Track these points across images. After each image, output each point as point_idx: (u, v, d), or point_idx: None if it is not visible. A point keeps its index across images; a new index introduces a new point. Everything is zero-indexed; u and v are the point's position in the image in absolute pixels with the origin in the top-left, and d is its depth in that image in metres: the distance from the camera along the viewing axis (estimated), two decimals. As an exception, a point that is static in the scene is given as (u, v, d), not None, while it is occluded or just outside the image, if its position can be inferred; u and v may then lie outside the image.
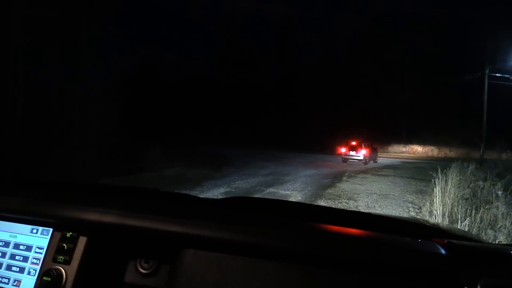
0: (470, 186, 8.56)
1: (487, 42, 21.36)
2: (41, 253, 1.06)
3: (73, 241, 1.05)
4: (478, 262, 0.88)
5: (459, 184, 8.29)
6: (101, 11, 13.04)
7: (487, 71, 21.40)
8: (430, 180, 8.41)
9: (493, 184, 8.34)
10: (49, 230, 1.09)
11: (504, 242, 4.96)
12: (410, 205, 8.51)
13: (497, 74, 21.42)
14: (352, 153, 20.62)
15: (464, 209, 6.49)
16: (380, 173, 15.58)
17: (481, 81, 21.73)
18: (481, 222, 5.86)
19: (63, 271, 1.02)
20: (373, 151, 21.87)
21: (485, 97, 21.44)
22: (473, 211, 6.23)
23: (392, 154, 32.74)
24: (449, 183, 7.77)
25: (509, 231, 5.50)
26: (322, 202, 8.53)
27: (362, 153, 20.37)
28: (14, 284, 1.04)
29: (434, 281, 0.87)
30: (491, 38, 21.45)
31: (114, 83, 13.34)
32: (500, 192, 7.69)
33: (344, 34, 44.88)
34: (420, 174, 14.44)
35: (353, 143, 20.90)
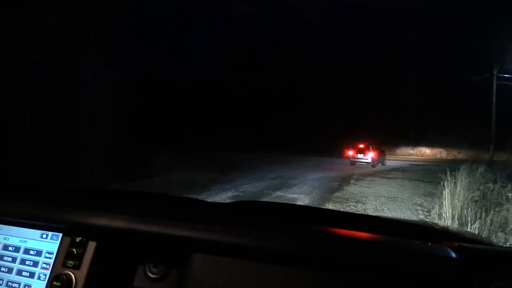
0: (480, 188, 8.48)
1: (495, 42, 21.20)
2: (51, 258, 1.07)
3: (83, 246, 1.06)
4: (490, 265, 0.87)
5: (468, 186, 8.22)
6: (108, 17, 13.16)
7: (495, 72, 21.23)
8: (439, 183, 8.34)
9: (503, 186, 8.27)
10: (59, 235, 1.10)
11: (515, 245, 4.90)
12: (419, 208, 8.44)
13: (506, 75, 21.23)
14: (360, 156, 20.52)
15: (473, 212, 6.42)
16: (388, 175, 15.48)
17: (489, 82, 21.55)
18: (491, 225, 5.79)
19: (72, 276, 1.02)
20: (381, 153, 21.74)
21: (494, 98, 21.26)
22: (483, 214, 6.17)
23: (400, 156, 32.53)
24: (458, 185, 7.70)
25: (520, 233, 5.44)
26: (330, 205, 8.49)
27: (370, 156, 20.27)
28: None
29: (445, 285, 0.86)
30: (499, 38, 21.29)
31: (122, 88, 13.43)
32: (510, 194, 7.62)
33: (351, 37, 44.80)
34: (429, 176, 14.32)
35: (361, 146, 20.79)
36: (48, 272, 1.05)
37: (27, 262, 1.08)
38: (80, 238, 1.07)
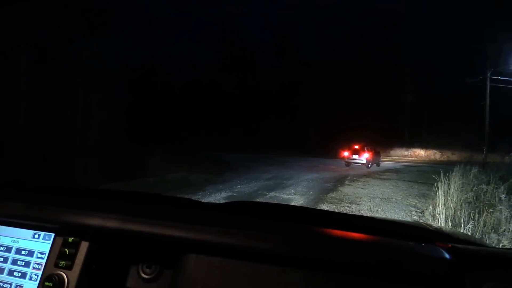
0: (473, 189, 8.52)
1: (489, 45, 21.32)
2: (43, 258, 1.06)
3: (75, 246, 1.05)
4: (483, 266, 0.88)
5: (462, 187, 8.26)
6: (103, 16, 13.11)
7: (489, 74, 21.37)
8: (433, 184, 8.38)
9: (496, 188, 8.31)
10: (51, 235, 1.09)
11: (508, 246, 4.94)
12: (413, 209, 8.47)
13: (499, 77, 21.38)
14: (355, 156, 20.58)
15: (467, 213, 6.46)
16: (382, 176, 15.53)
17: (483, 84, 21.69)
18: (484, 226, 5.83)
19: (65, 276, 1.01)
20: (376, 154, 21.80)
21: (487, 100, 21.40)
22: (476, 215, 6.22)
23: (394, 157, 32.65)
24: (452, 186, 7.74)
25: (513, 234, 5.47)
26: (324, 206, 8.50)
27: (364, 157, 20.32)
28: None
29: (438, 285, 0.86)
30: (493, 41, 21.42)
31: (116, 88, 13.38)
32: (503, 196, 7.67)
33: (345, 38, 44.93)
34: (423, 177, 14.39)
35: (356, 146, 20.85)
36: (40, 273, 1.04)
37: (18, 262, 1.07)
38: (72, 238, 1.06)
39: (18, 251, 1.08)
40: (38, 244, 1.08)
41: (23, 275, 1.05)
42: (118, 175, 11.11)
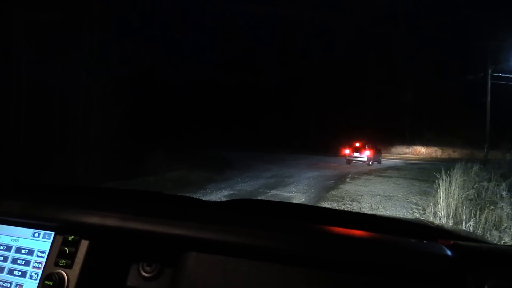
0: (474, 187, 8.52)
1: (489, 41, 21.27)
2: (43, 257, 1.05)
3: (75, 244, 1.05)
4: (485, 263, 0.87)
5: (463, 185, 8.25)
6: (103, 14, 13.09)
7: (489, 71, 21.32)
8: (434, 181, 8.38)
9: (498, 185, 8.30)
10: (51, 233, 1.08)
11: (510, 243, 4.93)
12: (414, 206, 8.47)
13: (500, 74, 21.34)
14: (356, 154, 20.59)
15: (468, 210, 6.46)
16: (383, 174, 15.53)
17: (484, 81, 21.64)
18: (485, 223, 5.82)
19: (65, 275, 1.01)
20: (377, 152, 21.80)
21: (488, 97, 21.36)
22: (478, 212, 6.21)
23: (395, 155, 32.63)
24: (453, 184, 7.73)
25: (514, 231, 5.46)
26: (325, 204, 8.51)
27: (366, 155, 20.33)
28: None
29: (440, 283, 0.86)
30: (494, 37, 21.37)
31: (116, 87, 13.37)
32: (504, 193, 7.66)
33: (346, 36, 44.87)
34: (424, 175, 14.38)
35: (357, 144, 20.86)
36: (40, 271, 1.03)
37: (18, 261, 1.06)
38: (72, 236, 1.06)
39: (18, 250, 1.08)
40: (38, 242, 1.08)
41: (23, 274, 1.04)
42: (119, 174, 11.13)
